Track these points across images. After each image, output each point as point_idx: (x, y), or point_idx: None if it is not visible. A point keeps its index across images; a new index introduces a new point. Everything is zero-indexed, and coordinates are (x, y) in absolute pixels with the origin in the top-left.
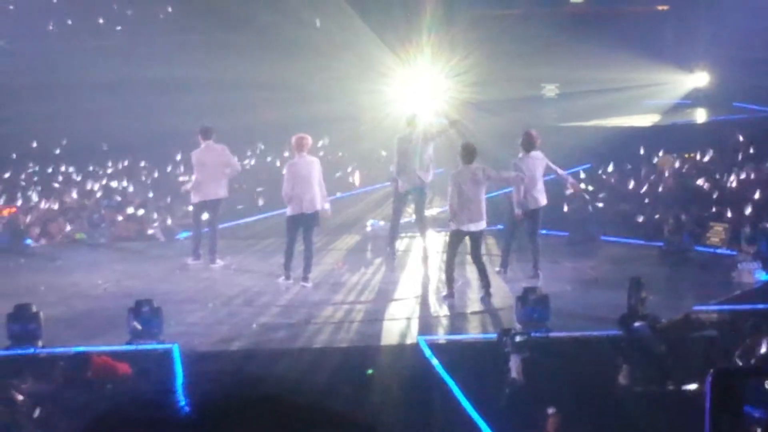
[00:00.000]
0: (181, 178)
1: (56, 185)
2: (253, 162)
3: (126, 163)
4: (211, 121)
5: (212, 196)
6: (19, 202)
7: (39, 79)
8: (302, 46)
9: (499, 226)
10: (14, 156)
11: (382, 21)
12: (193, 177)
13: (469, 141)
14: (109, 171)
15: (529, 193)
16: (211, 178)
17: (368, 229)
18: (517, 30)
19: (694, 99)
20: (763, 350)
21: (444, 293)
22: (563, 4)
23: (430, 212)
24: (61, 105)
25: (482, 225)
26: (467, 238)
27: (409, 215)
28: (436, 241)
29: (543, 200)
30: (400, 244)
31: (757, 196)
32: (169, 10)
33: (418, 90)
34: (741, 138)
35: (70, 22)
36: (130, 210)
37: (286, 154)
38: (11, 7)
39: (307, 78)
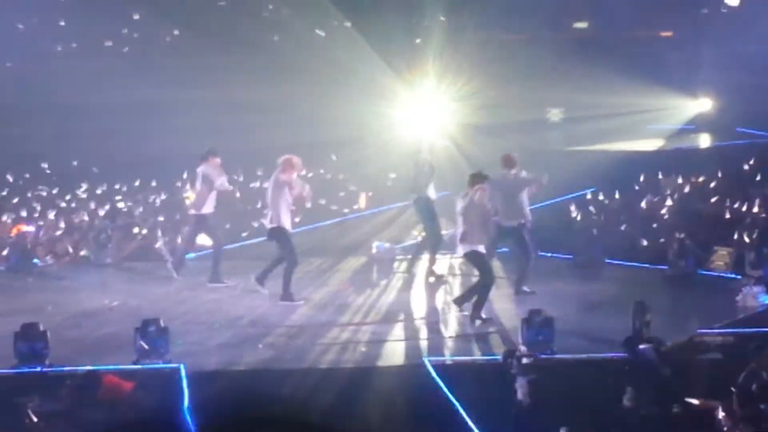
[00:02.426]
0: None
1: (63, 205)
2: (259, 184)
3: (134, 184)
4: (215, 143)
5: (194, 210)
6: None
7: (46, 100)
8: (308, 70)
9: (504, 249)
10: (24, 175)
11: (388, 45)
12: None
13: (477, 170)
14: (117, 192)
15: (504, 211)
16: (198, 194)
17: (374, 251)
18: (522, 54)
19: (698, 124)
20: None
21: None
22: (568, 29)
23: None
24: (68, 126)
25: (465, 249)
26: None
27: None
28: (440, 263)
29: (519, 218)
30: (401, 266)
31: (761, 220)
32: (176, 32)
33: (424, 113)
34: (745, 163)
35: (76, 44)
36: (137, 230)
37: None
38: (20, 26)
39: (314, 101)
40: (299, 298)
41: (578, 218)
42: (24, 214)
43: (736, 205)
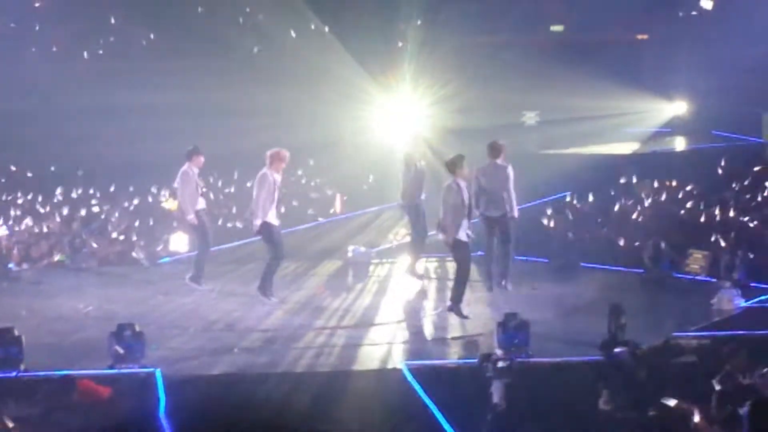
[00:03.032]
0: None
1: (39, 209)
2: (233, 189)
3: (110, 188)
4: (193, 144)
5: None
6: (3, 226)
7: (22, 105)
8: (284, 73)
9: (480, 252)
10: None
11: (364, 48)
12: None
13: (452, 156)
14: (92, 196)
15: (490, 201)
16: (187, 196)
17: (349, 254)
18: (498, 57)
19: (673, 127)
20: (744, 376)
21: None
22: (544, 32)
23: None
24: (44, 130)
25: (447, 237)
26: None
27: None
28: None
29: (505, 209)
30: (381, 269)
31: (736, 223)
32: (152, 36)
33: (400, 116)
34: (721, 166)
35: (54, 48)
36: (114, 235)
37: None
38: None
39: (290, 104)
40: (274, 298)
41: (554, 221)
42: None
43: (711, 208)
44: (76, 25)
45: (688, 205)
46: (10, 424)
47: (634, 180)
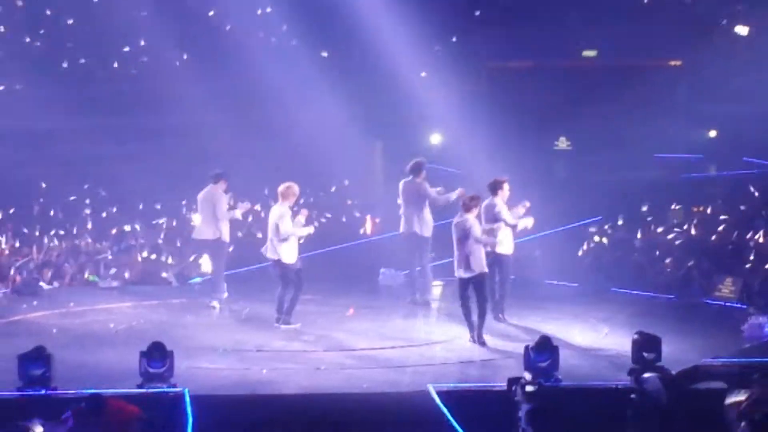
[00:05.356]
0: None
1: (71, 229)
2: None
3: (140, 207)
4: (225, 167)
5: (201, 235)
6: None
7: (53, 123)
8: (316, 95)
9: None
10: (30, 199)
11: None
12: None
13: (471, 194)
14: (122, 216)
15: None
16: (202, 218)
17: (380, 277)
18: (530, 82)
19: (705, 153)
20: None
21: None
22: (576, 57)
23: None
24: (76, 149)
25: (463, 273)
26: None
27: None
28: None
29: (504, 248)
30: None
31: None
32: (185, 57)
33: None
34: (752, 192)
35: (84, 65)
36: (144, 254)
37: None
38: (27, 40)
39: (323, 126)
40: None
41: (584, 246)
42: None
43: (742, 235)
44: (105, 45)
45: (720, 230)
46: None
47: (665, 206)
